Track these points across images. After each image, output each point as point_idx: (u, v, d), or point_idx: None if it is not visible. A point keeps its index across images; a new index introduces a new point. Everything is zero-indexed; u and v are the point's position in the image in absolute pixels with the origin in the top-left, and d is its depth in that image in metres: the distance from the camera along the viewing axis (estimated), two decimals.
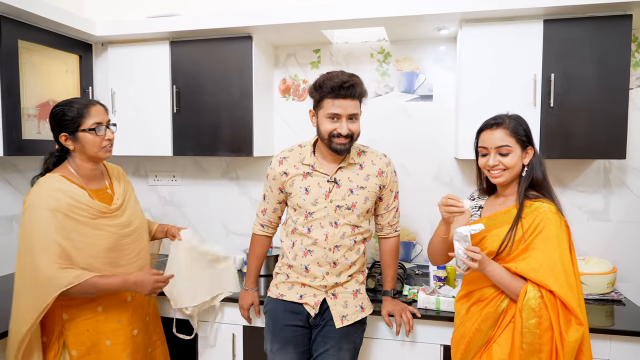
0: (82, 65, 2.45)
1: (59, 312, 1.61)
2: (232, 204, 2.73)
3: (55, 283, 1.50)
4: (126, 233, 1.71)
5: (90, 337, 1.64)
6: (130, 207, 1.78)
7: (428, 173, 2.46)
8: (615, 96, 1.94)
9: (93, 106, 1.66)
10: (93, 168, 1.70)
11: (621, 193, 2.26)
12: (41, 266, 1.51)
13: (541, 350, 1.36)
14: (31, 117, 2.19)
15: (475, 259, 1.39)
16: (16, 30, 2.05)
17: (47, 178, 1.62)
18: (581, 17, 1.96)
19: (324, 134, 1.67)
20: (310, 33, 2.33)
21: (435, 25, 2.18)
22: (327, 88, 1.62)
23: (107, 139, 1.67)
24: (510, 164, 1.48)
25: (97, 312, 1.66)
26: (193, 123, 2.38)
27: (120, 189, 1.79)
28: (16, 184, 2.42)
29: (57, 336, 1.62)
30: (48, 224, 1.53)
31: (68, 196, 1.58)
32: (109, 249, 1.64)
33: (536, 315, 1.36)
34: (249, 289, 1.97)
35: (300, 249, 1.75)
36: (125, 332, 1.71)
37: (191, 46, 2.36)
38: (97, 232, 1.62)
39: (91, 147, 1.64)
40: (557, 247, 1.40)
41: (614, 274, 2.05)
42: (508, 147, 1.48)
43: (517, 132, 1.49)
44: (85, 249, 1.59)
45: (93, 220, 1.61)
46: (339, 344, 1.70)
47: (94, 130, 1.63)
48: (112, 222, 1.67)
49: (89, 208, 1.61)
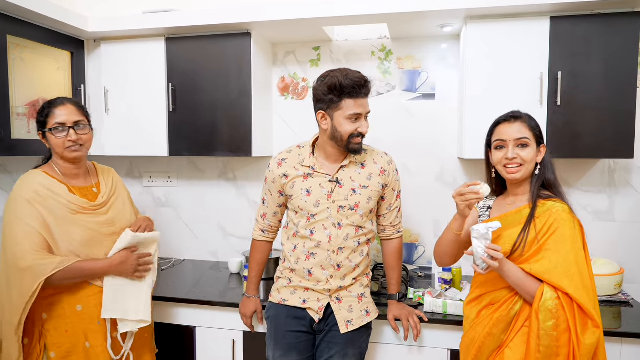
0: (74, 63, 2.37)
1: (39, 312, 1.60)
2: (230, 206, 2.67)
3: (39, 270, 1.51)
4: (107, 232, 1.69)
5: (69, 338, 1.61)
6: (117, 207, 1.76)
7: (431, 173, 2.42)
8: (623, 94, 1.91)
9: (61, 106, 1.67)
10: (73, 167, 1.71)
11: (626, 193, 2.24)
12: (24, 255, 1.51)
13: (558, 353, 1.31)
14: (20, 116, 2.10)
15: (496, 257, 1.34)
16: (5, 24, 1.96)
17: (29, 173, 1.67)
18: (588, 14, 1.92)
19: (345, 135, 1.60)
20: (311, 30, 2.28)
21: (439, 22, 2.13)
22: (348, 88, 1.55)
23: (69, 140, 1.65)
24: (528, 158, 1.44)
25: (76, 312, 1.63)
26: (189, 122, 2.31)
27: (107, 188, 1.78)
28: (4, 185, 2.32)
29: (38, 338, 1.60)
30: (27, 214, 1.56)
31: (46, 189, 1.60)
32: (85, 244, 1.63)
33: (553, 317, 1.32)
34: (251, 297, 1.90)
35: (302, 252, 1.69)
36: (106, 333, 1.66)
37: (188, 43, 2.29)
38: (75, 227, 1.62)
39: (56, 146, 1.67)
40: (572, 248, 1.36)
41: (621, 275, 2.02)
42: (527, 139, 1.45)
43: (533, 127, 1.47)
44: (62, 242, 1.59)
45: (72, 215, 1.62)
46: (344, 350, 1.65)
47: (52, 131, 1.64)
48: (93, 219, 1.67)
49: (68, 202, 1.62)
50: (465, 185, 1.43)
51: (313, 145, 1.73)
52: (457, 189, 1.45)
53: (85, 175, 1.75)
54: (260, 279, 1.92)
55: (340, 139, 1.62)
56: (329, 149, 1.67)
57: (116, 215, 1.73)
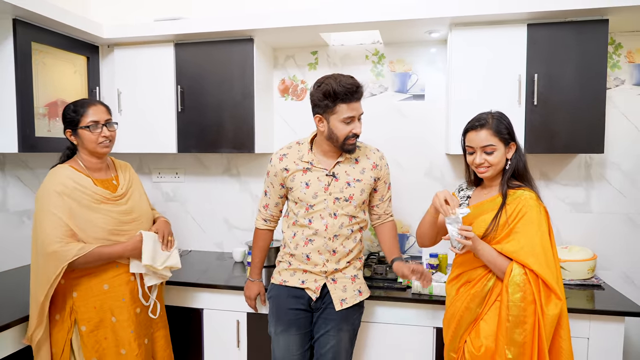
0: (90, 66, 2.55)
1: (69, 291, 1.78)
2: (234, 200, 2.85)
3: (61, 256, 1.68)
4: (127, 220, 1.87)
5: (98, 313, 1.80)
6: (133, 198, 1.94)
7: (420, 169, 2.60)
8: (594, 95, 2.08)
9: (93, 105, 1.85)
10: (97, 161, 1.89)
11: (601, 186, 2.41)
12: (49, 243, 1.69)
13: (525, 322, 1.50)
14: (42, 115, 2.29)
15: (468, 237, 1.53)
16: (30, 32, 2.15)
17: (57, 168, 1.83)
18: (562, 22, 2.10)
19: (341, 137, 1.76)
20: (309, 36, 2.46)
21: (427, 28, 2.31)
22: (341, 94, 1.70)
23: (102, 135, 1.84)
24: (494, 162, 1.61)
25: (103, 290, 1.81)
26: (197, 122, 2.49)
27: (125, 180, 1.96)
28: (26, 180, 2.51)
29: (69, 313, 1.78)
30: (56, 205, 1.72)
31: (74, 182, 1.77)
32: (109, 231, 1.80)
33: (521, 290, 1.50)
34: (255, 280, 2.07)
35: (301, 238, 1.86)
36: (129, 309, 1.84)
37: (195, 48, 2.47)
38: (99, 215, 1.79)
39: (89, 142, 1.83)
40: (538, 231, 1.54)
41: (594, 261, 2.20)
42: (492, 146, 1.61)
43: (499, 131, 1.61)
44: (88, 229, 1.76)
45: (96, 204, 1.79)
46: (338, 326, 1.82)
47: (89, 128, 1.81)
48: (115, 209, 1.84)
49: (93, 193, 1.79)
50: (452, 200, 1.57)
51: (311, 142, 1.90)
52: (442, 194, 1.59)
53: (106, 169, 1.92)
54: (262, 265, 2.09)
55: (336, 140, 1.79)
56: (326, 146, 1.85)
57: (134, 205, 1.91)
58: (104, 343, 1.81)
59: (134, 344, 1.83)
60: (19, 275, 2.32)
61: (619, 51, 2.36)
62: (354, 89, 1.71)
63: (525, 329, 1.49)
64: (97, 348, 1.79)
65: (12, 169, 2.44)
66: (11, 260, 2.43)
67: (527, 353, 1.50)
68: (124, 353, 1.82)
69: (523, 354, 1.50)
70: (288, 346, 1.84)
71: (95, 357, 1.79)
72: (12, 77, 2.09)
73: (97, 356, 1.79)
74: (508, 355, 1.50)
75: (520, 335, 1.49)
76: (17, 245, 2.44)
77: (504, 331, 1.52)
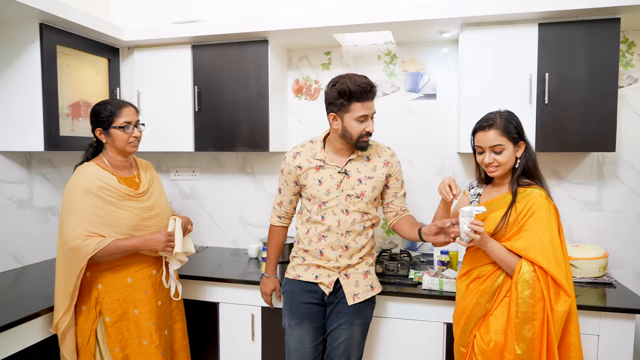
0: (111, 68, 2.65)
1: (95, 283, 1.87)
2: (248, 197, 2.92)
3: (82, 251, 1.77)
4: (149, 216, 1.94)
5: (121, 305, 1.88)
6: (154, 195, 2.01)
7: (432, 167, 2.63)
8: (605, 94, 2.09)
9: (125, 107, 1.92)
10: (123, 160, 1.96)
11: (614, 185, 2.42)
12: (72, 238, 1.77)
13: (534, 318, 1.53)
14: (65, 115, 2.38)
15: (478, 231, 1.56)
16: (55, 36, 2.25)
17: (84, 165, 1.90)
18: (573, 21, 2.12)
19: (354, 135, 1.82)
20: (322, 37, 2.51)
21: (438, 29, 2.35)
22: (356, 93, 1.75)
23: (133, 136, 1.92)
24: (503, 161, 1.65)
25: (127, 284, 1.89)
26: (213, 121, 2.57)
27: (147, 178, 2.03)
28: (51, 177, 2.62)
29: (94, 304, 1.87)
30: (81, 202, 1.80)
31: (100, 179, 1.84)
32: (133, 227, 1.88)
33: (530, 287, 1.53)
34: (270, 276, 2.11)
35: (314, 235, 1.92)
36: (151, 302, 1.93)
37: (212, 50, 2.55)
38: (123, 211, 1.86)
39: (120, 142, 1.90)
40: (547, 229, 1.57)
41: (606, 259, 2.20)
42: (501, 146, 1.64)
43: (508, 130, 1.64)
44: (112, 225, 1.84)
45: (120, 201, 1.86)
46: (351, 319, 1.88)
47: (123, 128, 1.88)
48: (137, 205, 1.91)
49: (117, 190, 1.86)
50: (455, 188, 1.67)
51: (324, 141, 1.96)
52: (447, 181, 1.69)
53: (129, 167, 2.00)
54: (277, 261, 2.14)
55: (350, 138, 1.84)
56: (338, 144, 1.90)
57: (155, 202, 1.98)
58: (127, 334, 1.89)
59: (154, 335, 1.91)
60: (45, 268, 2.43)
61: (632, 49, 2.36)
62: (368, 88, 1.77)
63: (535, 325, 1.52)
64: (120, 339, 1.88)
65: (38, 167, 2.54)
66: (37, 254, 2.53)
67: (536, 349, 1.53)
68: (145, 344, 1.90)
69: (532, 349, 1.53)
70: (301, 339, 1.90)
71: (118, 347, 1.87)
72: (39, 79, 2.19)
73: (120, 346, 1.87)
74: (517, 351, 1.53)
75: (529, 331, 1.52)
76: (42, 239, 2.55)
77: (513, 327, 1.55)
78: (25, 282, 2.23)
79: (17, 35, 2.21)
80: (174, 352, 2.09)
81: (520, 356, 1.53)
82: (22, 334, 1.81)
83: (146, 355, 1.90)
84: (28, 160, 2.49)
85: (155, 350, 1.91)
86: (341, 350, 1.87)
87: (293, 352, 1.92)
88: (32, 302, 1.94)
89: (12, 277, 2.29)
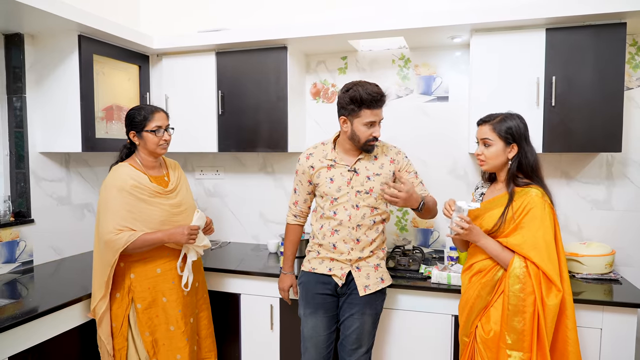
0: (141, 74, 2.84)
1: (127, 273, 2.04)
2: (269, 195, 3.07)
3: (115, 245, 1.94)
4: (177, 212, 2.11)
5: (151, 293, 2.05)
6: (182, 192, 2.18)
7: (444, 167, 2.73)
8: (611, 96, 2.15)
9: (157, 112, 2.09)
10: (153, 160, 2.13)
11: (623, 184, 2.47)
12: (105, 233, 1.95)
13: (524, 311, 1.63)
14: (100, 119, 2.58)
15: (463, 227, 1.69)
16: (92, 46, 2.45)
17: (118, 166, 2.07)
18: (580, 26, 2.18)
19: (362, 139, 1.95)
20: (338, 43, 2.64)
21: (449, 34, 2.44)
22: (367, 101, 1.89)
23: (164, 139, 2.09)
24: (489, 156, 1.76)
25: (156, 274, 2.07)
26: (236, 123, 2.73)
27: (175, 177, 2.20)
28: (87, 176, 2.83)
29: (127, 292, 2.04)
30: (115, 199, 1.97)
31: (132, 179, 2.01)
32: (162, 222, 2.04)
33: (520, 282, 1.64)
34: (287, 273, 2.21)
35: (328, 229, 2.05)
36: (178, 291, 2.09)
37: (234, 56, 2.71)
38: (153, 208, 2.03)
39: (151, 144, 2.07)
40: (541, 226, 1.66)
41: (612, 256, 2.27)
42: (489, 140, 1.76)
43: (500, 129, 1.75)
44: (144, 221, 2.00)
45: (151, 198, 2.03)
46: (362, 309, 2.00)
47: (155, 132, 2.05)
48: (166, 202, 2.08)
49: (148, 188, 2.03)
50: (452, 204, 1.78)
51: (334, 142, 2.09)
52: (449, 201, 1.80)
53: (159, 167, 2.17)
54: (294, 257, 2.26)
55: (357, 141, 1.98)
56: (347, 145, 2.03)
57: (182, 199, 2.15)
58: (156, 320, 2.06)
59: (181, 322, 2.08)
60: (82, 260, 2.64)
61: None
62: (378, 97, 1.90)
63: (525, 318, 1.62)
64: (150, 324, 2.05)
65: (75, 166, 2.76)
66: (75, 247, 2.75)
67: (527, 340, 1.62)
68: (172, 329, 2.07)
69: (522, 340, 1.63)
70: (315, 327, 2.04)
71: (148, 332, 2.04)
72: (77, 86, 2.39)
73: (150, 331, 2.05)
74: (508, 340, 1.64)
75: (519, 323, 1.63)
76: (79, 233, 2.77)
77: (505, 318, 1.65)
78: (65, 272, 2.44)
79: (58, 45, 2.41)
80: (200, 338, 2.26)
81: (511, 345, 1.63)
82: (63, 318, 2.00)
83: (173, 340, 2.07)
84: (67, 160, 2.70)
85: (181, 335, 2.08)
86: (353, 338, 2.00)
87: (308, 339, 2.06)
88: (71, 290, 2.13)
89: (53, 267, 2.50)
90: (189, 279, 2.13)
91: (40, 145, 2.52)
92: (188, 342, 2.11)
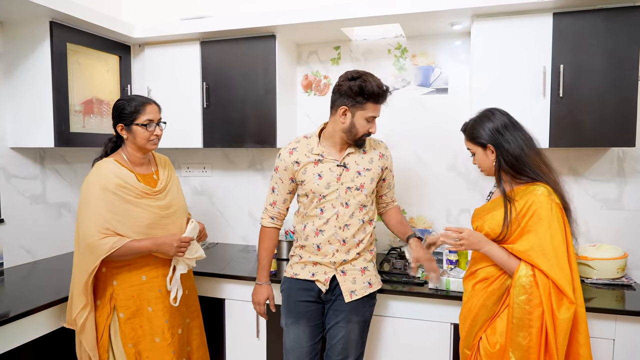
0: (122, 65, 2.68)
1: (110, 279, 1.86)
2: (258, 194, 2.91)
3: (97, 250, 1.75)
4: (166, 214, 1.92)
5: (135, 302, 1.87)
6: (171, 193, 1.99)
7: (443, 163, 2.56)
8: (625, 86, 1.98)
9: (149, 105, 1.89)
10: (141, 156, 1.94)
11: (635, 182, 2.30)
12: (88, 235, 1.76)
13: (530, 325, 1.45)
14: (77, 112, 2.42)
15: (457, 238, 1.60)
16: (65, 34, 2.29)
17: (102, 162, 1.88)
18: (590, 10, 2.01)
19: (360, 133, 1.82)
20: (330, 31, 2.48)
21: (448, 20, 2.28)
22: (375, 95, 1.77)
23: (155, 134, 1.90)
24: (478, 163, 1.69)
25: (141, 281, 1.89)
26: (222, 117, 2.56)
27: (164, 175, 2.01)
28: (64, 173, 2.67)
29: (109, 300, 1.86)
30: (98, 199, 1.78)
31: (118, 177, 1.82)
32: (149, 225, 1.86)
33: (526, 292, 1.46)
34: (262, 283, 1.99)
35: (312, 230, 1.88)
36: (165, 300, 1.91)
37: (220, 45, 2.54)
38: (140, 210, 1.84)
39: (141, 139, 1.87)
40: (548, 229, 1.48)
41: (624, 260, 2.10)
42: (470, 149, 1.69)
43: (473, 136, 1.65)
44: (129, 224, 1.82)
45: (138, 199, 1.84)
46: (348, 317, 1.84)
47: (145, 126, 1.86)
48: (154, 203, 1.89)
49: (135, 189, 1.84)
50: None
51: (319, 135, 1.92)
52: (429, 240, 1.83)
53: (147, 164, 1.98)
54: (270, 266, 2.03)
55: (354, 134, 1.83)
56: (337, 139, 1.87)
57: (172, 200, 1.96)
58: (140, 331, 1.87)
59: (167, 334, 1.90)
60: (58, 263, 2.48)
61: None
62: (385, 93, 1.80)
63: (531, 333, 1.45)
64: (133, 335, 1.86)
65: (51, 163, 2.60)
66: (50, 249, 2.59)
67: (533, 358, 1.45)
68: (157, 341, 1.88)
69: (527, 358, 1.46)
70: (297, 338, 1.88)
71: (131, 344, 1.85)
72: (49, 77, 2.23)
73: (133, 343, 1.86)
74: (512, 358, 1.47)
75: (524, 339, 1.45)
76: (55, 234, 2.61)
77: (509, 333, 1.48)
78: (37, 276, 2.28)
79: (28, 33, 2.26)
80: (192, 349, 2.08)
81: None
82: (33, 325, 1.85)
83: (158, 353, 1.89)
84: (41, 157, 2.54)
85: (167, 348, 1.89)
86: (339, 348, 1.84)
87: (289, 351, 1.89)
88: (43, 295, 1.98)
89: (25, 270, 2.35)
90: (178, 292, 1.94)
91: (11, 140, 2.36)
92: (175, 354, 1.92)
